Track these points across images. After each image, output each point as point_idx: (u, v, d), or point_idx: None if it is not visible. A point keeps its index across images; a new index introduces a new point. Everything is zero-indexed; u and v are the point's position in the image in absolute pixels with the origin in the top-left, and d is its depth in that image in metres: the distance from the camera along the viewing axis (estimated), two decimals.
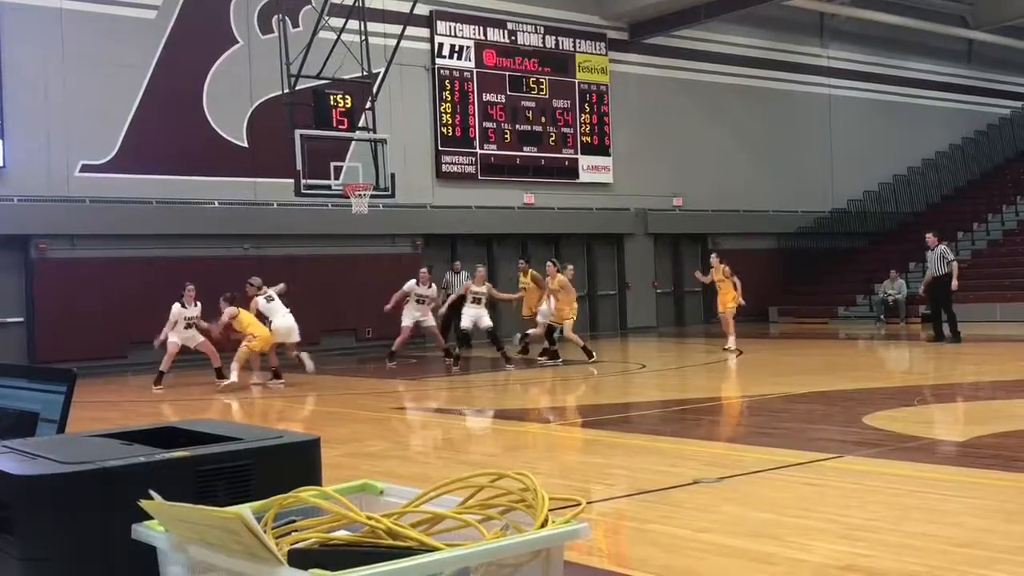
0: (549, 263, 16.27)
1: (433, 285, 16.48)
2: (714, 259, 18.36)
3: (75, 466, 1.68)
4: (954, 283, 17.19)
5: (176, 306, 14.33)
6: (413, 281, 16.20)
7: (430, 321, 16.25)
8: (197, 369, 15.62)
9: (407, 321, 16.09)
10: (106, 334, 17.19)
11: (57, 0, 17.70)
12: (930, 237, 17.87)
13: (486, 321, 16.31)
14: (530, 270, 17.90)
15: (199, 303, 14.61)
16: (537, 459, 7.98)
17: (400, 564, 1.41)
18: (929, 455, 7.16)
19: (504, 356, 15.75)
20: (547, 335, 16.38)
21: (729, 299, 17.77)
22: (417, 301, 15.98)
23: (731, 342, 17.31)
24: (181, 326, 14.37)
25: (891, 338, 20.33)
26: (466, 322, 16.37)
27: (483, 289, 16.38)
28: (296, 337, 14.84)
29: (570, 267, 17.23)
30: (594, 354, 15.74)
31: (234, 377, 13.87)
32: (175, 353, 14.39)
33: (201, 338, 14.61)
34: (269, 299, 14.71)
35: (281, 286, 15.22)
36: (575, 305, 16.23)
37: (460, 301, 19.14)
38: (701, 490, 6.14)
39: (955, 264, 17.46)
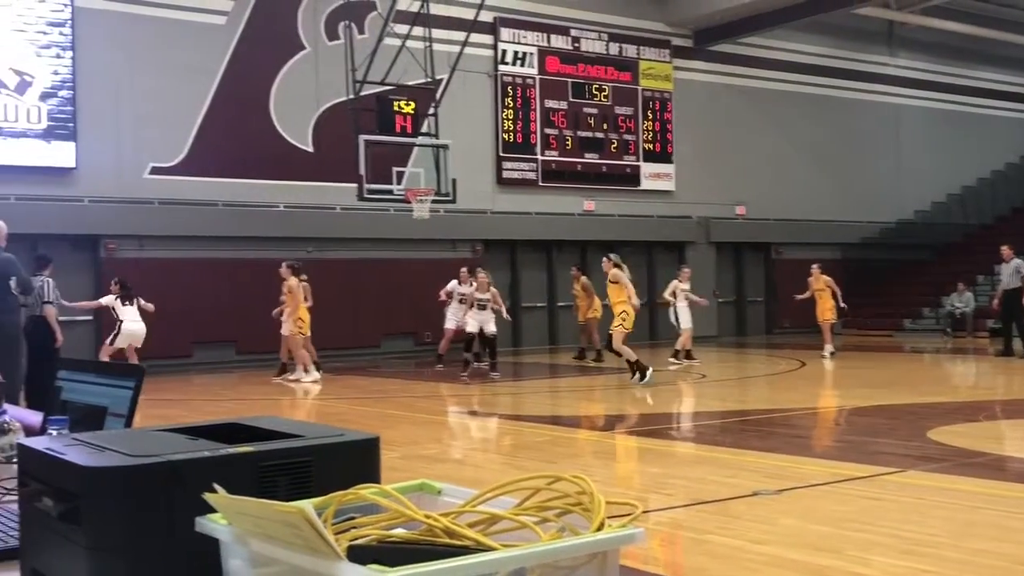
0: (605, 258, 14.79)
1: (473, 285, 16.18)
2: (815, 269, 18.41)
3: (142, 459, 1.72)
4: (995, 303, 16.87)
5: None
6: (455, 281, 16.43)
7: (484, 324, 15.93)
8: (263, 368, 15.83)
9: (449, 324, 16.29)
10: (172, 333, 17.48)
11: (130, 5, 18.09)
12: (1005, 250, 17.46)
13: (491, 328, 15.87)
14: (582, 277, 17.87)
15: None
16: (594, 466, 7.96)
17: (457, 562, 1.43)
18: (994, 471, 7.02)
19: (491, 366, 15.62)
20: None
21: (827, 309, 17.90)
22: (459, 302, 16.00)
23: (826, 350, 17.66)
24: None
25: (958, 352, 19.95)
26: (472, 327, 15.96)
27: (487, 296, 15.92)
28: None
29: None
30: (647, 373, 13.75)
31: None
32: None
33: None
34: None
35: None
36: (628, 310, 14.18)
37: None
38: (760, 502, 6.08)
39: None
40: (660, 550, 5.16)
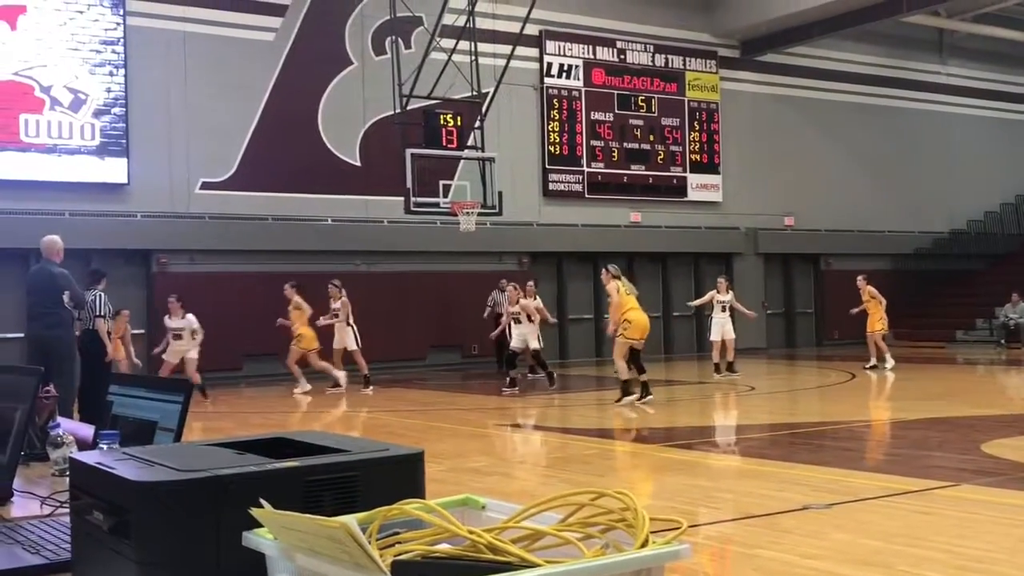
0: (604, 270, 13.54)
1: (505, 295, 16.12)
2: (860, 281, 18.26)
3: (190, 473, 1.74)
4: None
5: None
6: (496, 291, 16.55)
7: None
8: (312, 381, 15.92)
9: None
10: (222, 346, 17.66)
11: (180, 23, 18.38)
12: None
13: (532, 343, 15.53)
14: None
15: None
16: (642, 480, 7.92)
17: None
18: None
19: (549, 376, 15.42)
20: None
21: (876, 320, 17.74)
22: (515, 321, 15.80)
23: (876, 360, 17.58)
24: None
25: (1012, 363, 19.60)
26: (515, 342, 15.55)
27: (516, 309, 15.55)
28: None
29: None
30: (626, 399, 12.74)
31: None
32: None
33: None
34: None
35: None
36: (630, 320, 12.87)
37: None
38: (810, 516, 6.02)
39: None
40: (709, 565, 5.12)
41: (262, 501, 1.62)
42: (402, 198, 17.31)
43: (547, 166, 22.07)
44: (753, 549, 5.29)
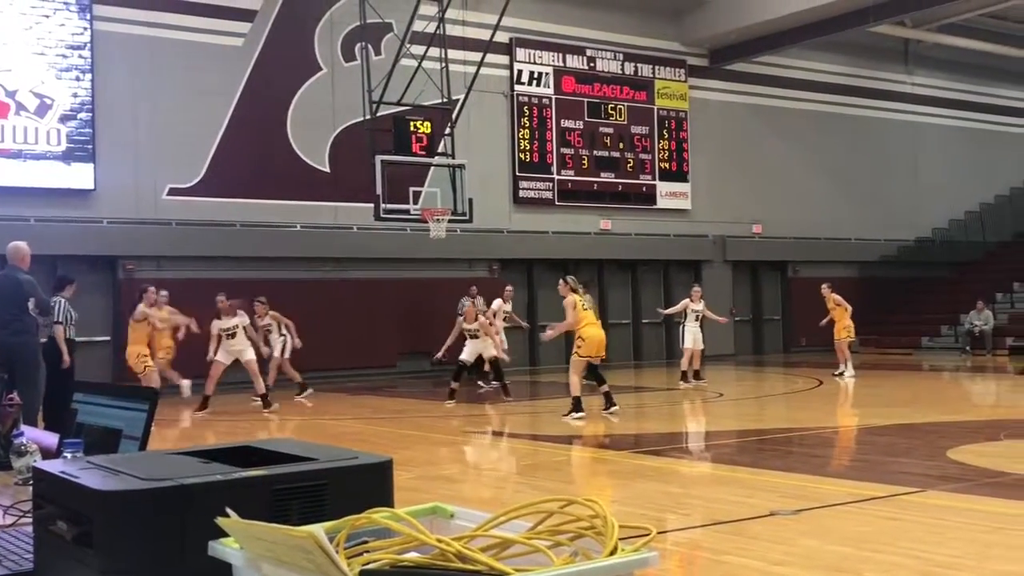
0: (561, 280, 13.00)
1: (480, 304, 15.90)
2: (825, 289, 18.30)
3: (155, 483, 1.72)
4: None
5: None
6: (498, 300, 16.45)
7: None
8: (282, 389, 15.84)
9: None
10: (190, 354, 17.52)
11: (148, 28, 18.25)
12: None
13: (489, 351, 15.20)
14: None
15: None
16: (611, 487, 7.93)
17: None
18: (1015, 491, 6.95)
19: (503, 388, 15.03)
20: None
21: (841, 328, 17.85)
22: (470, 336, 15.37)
23: (843, 367, 17.56)
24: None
25: (977, 370, 19.81)
26: (465, 355, 15.09)
27: (475, 326, 15.13)
28: None
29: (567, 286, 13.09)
30: (574, 414, 12.18)
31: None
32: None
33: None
34: None
35: None
36: (585, 340, 12.43)
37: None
38: (778, 522, 6.05)
39: None
40: (677, 571, 5.13)
41: (228, 510, 1.61)
42: (372, 205, 17.27)
43: (517, 173, 22.10)
44: (721, 555, 5.30)
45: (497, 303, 17.49)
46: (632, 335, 23.95)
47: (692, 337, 16.93)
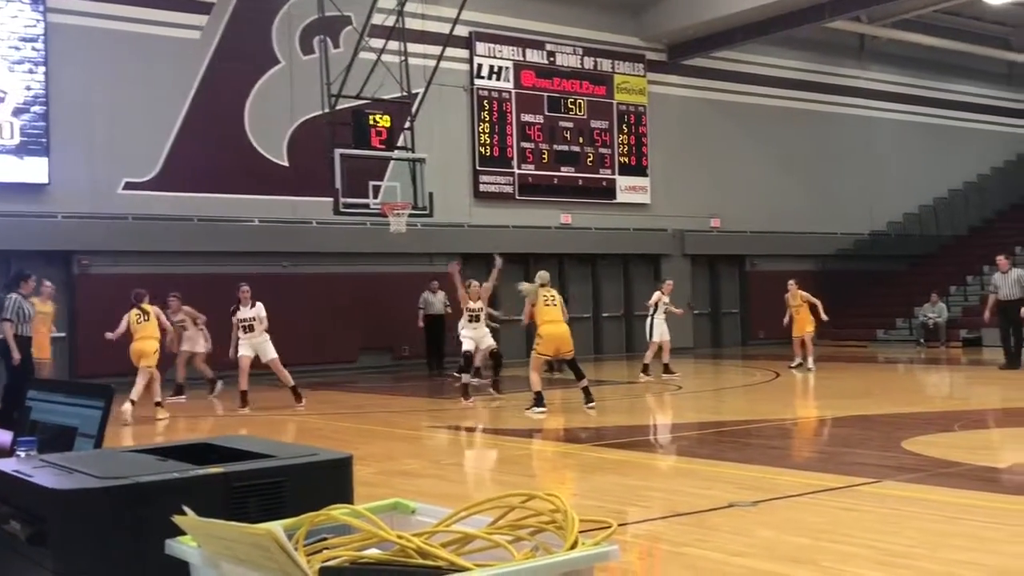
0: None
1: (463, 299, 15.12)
2: (792, 285, 18.35)
3: (111, 481, 1.70)
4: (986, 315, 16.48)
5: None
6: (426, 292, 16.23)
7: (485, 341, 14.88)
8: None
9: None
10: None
11: (103, 21, 18.02)
12: (1001, 260, 16.90)
13: (488, 341, 14.82)
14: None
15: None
16: (572, 480, 7.95)
17: None
18: (969, 481, 7.06)
19: (495, 385, 14.70)
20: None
21: (807, 323, 17.88)
22: (470, 320, 14.90)
23: (808, 361, 17.54)
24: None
25: (931, 362, 20.09)
26: (467, 344, 14.49)
27: (478, 305, 14.78)
28: None
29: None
30: (536, 408, 12.10)
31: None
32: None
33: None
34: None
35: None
36: (543, 338, 12.41)
37: (433, 321, 19.24)
38: (736, 513, 6.09)
39: (991, 296, 16.70)
40: (638, 564, 5.16)
41: (185, 508, 1.59)
42: (331, 199, 17.17)
43: (478, 167, 22.08)
44: (681, 547, 5.34)
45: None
46: (592, 329, 24.02)
47: (660, 330, 17.00)
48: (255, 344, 13.88)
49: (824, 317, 18.24)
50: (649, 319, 17.39)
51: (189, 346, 15.57)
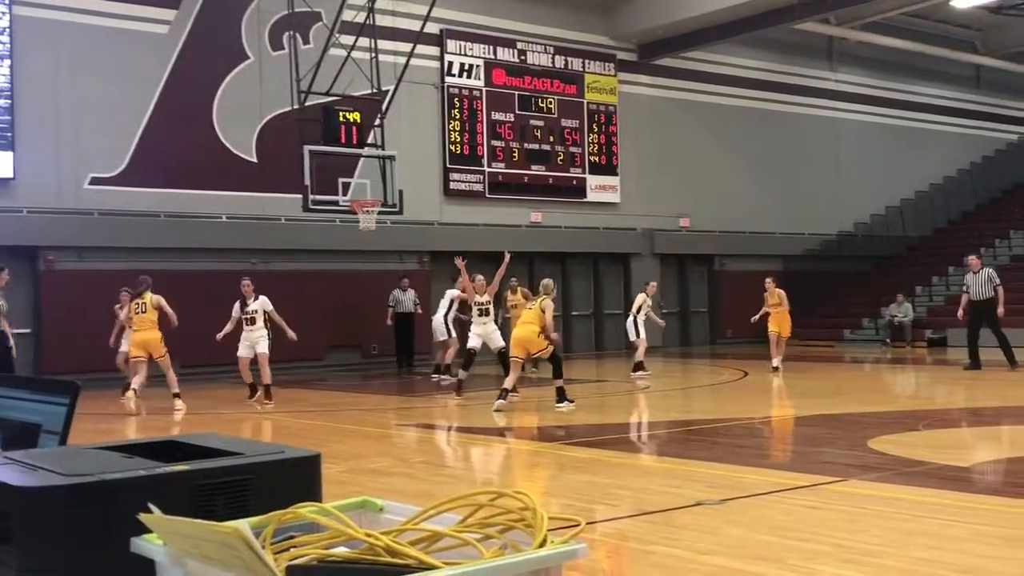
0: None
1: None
2: (769, 283, 18.18)
3: (75, 478, 1.68)
4: (1000, 308, 16.30)
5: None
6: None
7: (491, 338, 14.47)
8: (206, 382, 15.62)
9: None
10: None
11: (70, 14, 17.83)
12: (972, 259, 16.98)
13: (497, 341, 14.36)
14: (519, 288, 17.68)
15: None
16: (541, 478, 7.96)
17: None
18: (933, 480, 7.13)
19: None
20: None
21: (786, 323, 17.65)
22: (479, 314, 14.51)
23: (777, 361, 17.35)
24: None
25: (897, 362, 20.28)
26: (474, 341, 14.29)
27: (486, 298, 14.37)
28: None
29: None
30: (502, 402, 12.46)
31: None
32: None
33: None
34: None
35: None
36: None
37: (401, 318, 19.23)
38: (704, 512, 6.13)
39: (1001, 288, 16.51)
40: (606, 562, 5.17)
41: (151, 506, 1.58)
42: (300, 196, 17.08)
43: (448, 165, 22.05)
44: (649, 545, 5.36)
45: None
46: (563, 327, 24.04)
47: (643, 329, 17.04)
48: (253, 339, 14.15)
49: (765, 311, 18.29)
50: (632, 319, 17.26)
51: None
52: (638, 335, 17.04)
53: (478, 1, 22.48)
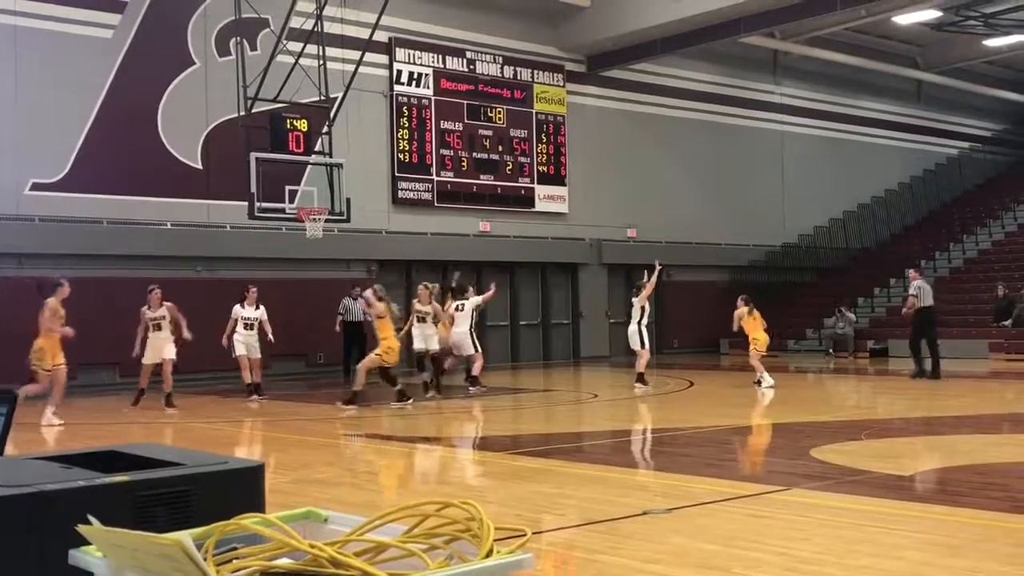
0: (372, 289, 14.66)
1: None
2: (740, 301, 17.63)
3: (12, 489, 1.64)
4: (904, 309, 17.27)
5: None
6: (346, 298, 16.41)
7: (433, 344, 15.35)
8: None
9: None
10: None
11: (12, 17, 17.53)
12: (912, 273, 17.92)
13: (433, 344, 15.33)
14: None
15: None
16: (488, 488, 7.95)
17: None
18: (874, 489, 7.23)
19: (436, 386, 15.16)
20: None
21: (763, 339, 17.19)
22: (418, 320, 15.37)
23: (761, 376, 16.52)
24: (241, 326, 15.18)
25: (839, 372, 20.55)
26: (419, 343, 15.28)
27: (428, 308, 15.35)
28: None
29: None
30: (350, 405, 13.83)
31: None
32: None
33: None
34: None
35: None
36: (393, 350, 14.03)
37: (352, 327, 19.33)
38: (650, 521, 6.15)
39: (911, 298, 17.22)
40: (552, 572, 5.17)
41: (90, 517, 1.55)
42: (246, 203, 16.92)
43: (396, 174, 21.99)
44: (595, 555, 5.37)
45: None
46: (510, 337, 24.09)
47: (647, 338, 16.74)
48: (249, 344, 15.50)
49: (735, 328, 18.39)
50: (635, 326, 16.75)
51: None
52: (642, 345, 16.55)
53: (427, 10, 22.47)
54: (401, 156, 22.07)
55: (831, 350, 24.11)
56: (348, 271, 20.98)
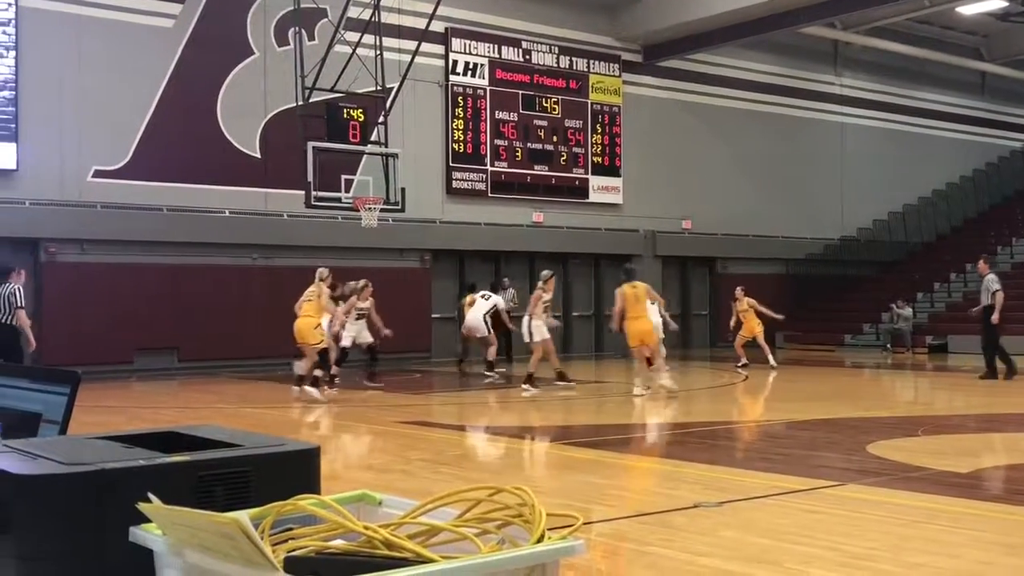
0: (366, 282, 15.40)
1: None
2: (739, 291, 18.98)
3: (74, 467, 1.68)
4: (994, 316, 15.77)
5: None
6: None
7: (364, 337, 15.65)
8: (205, 376, 15.63)
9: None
10: (113, 339, 17.22)
11: (76, 6, 17.84)
12: (981, 264, 16.80)
13: (365, 336, 15.59)
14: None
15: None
16: (538, 477, 7.96)
17: (394, 574, 1.42)
18: (931, 485, 7.13)
19: (371, 375, 15.49)
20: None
21: (756, 325, 18.79)
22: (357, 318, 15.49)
23: (770, 359, 18.43)
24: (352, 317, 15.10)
25: (896, 367, 20.27)
26: (346, 340, 15.37)
27: (367, 305, 15.49)
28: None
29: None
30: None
31: None
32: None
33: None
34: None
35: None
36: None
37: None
38: (701, 514, 6.12)
39: (999, 295, 15.91)
40: (602, 562, 5.17)
41: (150, 496, 1.58)
42: (303, 192, 17.08)
43: (451, 164, 22.04)
44: (645, 546, 5.36)
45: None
46: (563, 328, 24.04)
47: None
48: (363, 339, 15.46)
49: (777, 316, 19.06)
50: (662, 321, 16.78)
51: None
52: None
53: (483, 0, 22.47)
54: (456, 146, 22.12)
55: (889, 345, 23.78)
56: (402, 260, 21.10)
